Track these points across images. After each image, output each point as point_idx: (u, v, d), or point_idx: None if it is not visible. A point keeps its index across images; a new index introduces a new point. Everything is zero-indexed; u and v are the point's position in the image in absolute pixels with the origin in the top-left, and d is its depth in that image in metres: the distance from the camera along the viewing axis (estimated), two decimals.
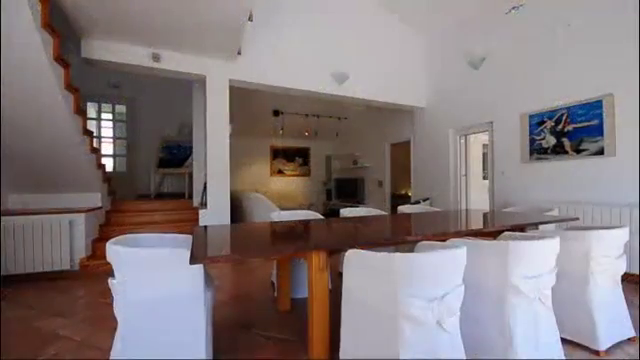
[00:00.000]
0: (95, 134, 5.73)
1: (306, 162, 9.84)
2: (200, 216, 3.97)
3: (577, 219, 2.64)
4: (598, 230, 1.76)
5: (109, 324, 2.12)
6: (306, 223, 2.34)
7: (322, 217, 2.68)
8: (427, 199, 5.50)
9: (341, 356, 1.43)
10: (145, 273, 1.38)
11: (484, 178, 5.08)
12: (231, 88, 4.18)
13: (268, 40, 4.28)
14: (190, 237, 1.76)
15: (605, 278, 1.77)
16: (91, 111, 6.00)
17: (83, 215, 3.34)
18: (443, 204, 5.17)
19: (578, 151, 3.43)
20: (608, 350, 1.73)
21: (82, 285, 3.00)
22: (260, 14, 4.14)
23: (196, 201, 4.54)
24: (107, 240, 1.47)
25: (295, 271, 2.53)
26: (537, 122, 3.83)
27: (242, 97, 5.85)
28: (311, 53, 4.57)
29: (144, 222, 4.14)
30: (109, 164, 6.13)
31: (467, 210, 4.23)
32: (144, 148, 6.29)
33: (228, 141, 4.09)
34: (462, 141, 5.09)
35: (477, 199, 5.03)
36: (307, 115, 7.71)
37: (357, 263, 1.34)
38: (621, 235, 1.81)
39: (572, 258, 1.76)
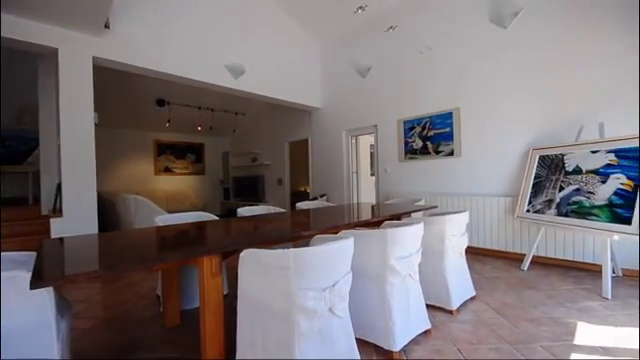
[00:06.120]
0: None
1: (200, 159, 9.07)
2: (52, 227, 3.14)
3: (436, 207, 3.28)
4: (449, 215, 2.22)
5: None
6: (198, 225, 2.14)
7: (217, 218, 2.50)
8: (324, 195, 5.85)
9: (237, 357, 1.36)
10: None
11: (371, 175, 5.74)
12: (99, 68, 3.45)
13: (148, 17, 3.70)
14: (34, 255, 1.36)
15: (454, 252, 2.26)
16: None
17: None
18: (338, 199, 5.61)
19: (437, 152, 4.25)
20: (459, 309, 2.21)
21: None
22: None
23: (46, 208, 3.57)
24: None
25: (185, 280, 2.28)
26: (409, 127, 4.56)
27: (116, 80, 4.94)
28: (203, 41, 4.20)
29: None
30: None
31: (358, 204, 4.69)
32: None
33: (93, 132, 3.37)
34: (353, 141, 5.63)
35: (366, 193, 5.66)
36: (200, 108, 7.09)
37: (252, 263, 1.30)
38: (464, 218, 2.33)
39: (432, 238, 2.18)
